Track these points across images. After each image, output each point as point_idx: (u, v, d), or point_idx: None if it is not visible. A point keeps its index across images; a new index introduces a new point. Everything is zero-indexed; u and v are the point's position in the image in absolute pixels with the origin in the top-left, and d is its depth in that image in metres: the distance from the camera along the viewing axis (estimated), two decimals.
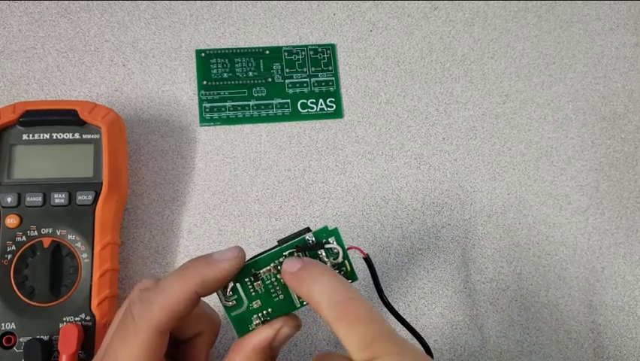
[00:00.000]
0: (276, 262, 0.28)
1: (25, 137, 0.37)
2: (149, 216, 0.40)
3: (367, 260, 0.30)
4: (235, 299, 0.28)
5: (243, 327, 0.28)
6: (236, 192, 0.42)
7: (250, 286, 0.28)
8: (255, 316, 0.28)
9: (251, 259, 0.29)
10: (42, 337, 0.34)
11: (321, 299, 0.25)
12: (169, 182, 0.41)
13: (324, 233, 0.29)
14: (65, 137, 0.37)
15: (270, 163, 0.42)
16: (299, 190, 0.42)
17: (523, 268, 0.42)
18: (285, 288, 0.28)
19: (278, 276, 0.28)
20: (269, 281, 0.28)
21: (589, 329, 0.42)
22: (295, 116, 0.43)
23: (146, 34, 0.44)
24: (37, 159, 0.37)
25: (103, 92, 0.42)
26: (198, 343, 0.30)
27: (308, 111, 0.43)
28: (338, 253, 0.28)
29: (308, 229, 0.29)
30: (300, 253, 0.28)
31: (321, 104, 0.44)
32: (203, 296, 0.27)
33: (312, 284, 0.26)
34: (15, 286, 0.35)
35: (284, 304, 0.28)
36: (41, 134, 0.37)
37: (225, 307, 0.28)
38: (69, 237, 0.36)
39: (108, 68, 0.43)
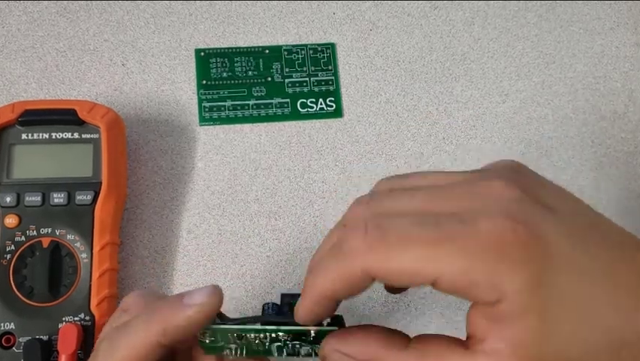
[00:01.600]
0: (269, 335, 0.25)
1: (24, 136, 0.36)
2: (149, 216, 0.40)
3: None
4: (212, 340, 0.26)
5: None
6: (235, 191, 0.41)
7: (232, 342, 0.25)
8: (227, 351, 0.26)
9: (236, 321, 0.25)
10: (41, 337, 0.34)
11: None
12: (168, 181, 0.41)
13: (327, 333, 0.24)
14: (64, 136, 0.37)
15: (270, 163, 0.42)
16: (299, 190, 0.42)
17: None
18: (268, 348, 0.26)
19: (264, 342, 0.25)
20: (252, 341, 0.25)
21: None
22: (295, 115, 0.43)
23: (145, 34, 0.44)
24: (36, 159, 0.36)
25: (102, 91, 0.42)
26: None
27: (308, 111, 0.43)
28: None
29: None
30: (296, 343, 0.25)
31: (321, 104, 0.44)
32: (172, 345, 0.24)
33: None
34: (14, 286, 0.35)
35: (261, 353, 0.26)
36: (40, 134, 0.37)
37: (200, 341, 0.26)
38: (68, 237, 0.35)
39: (107, 68, 0.43)
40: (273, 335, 0.25)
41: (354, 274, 0.21)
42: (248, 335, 0.25)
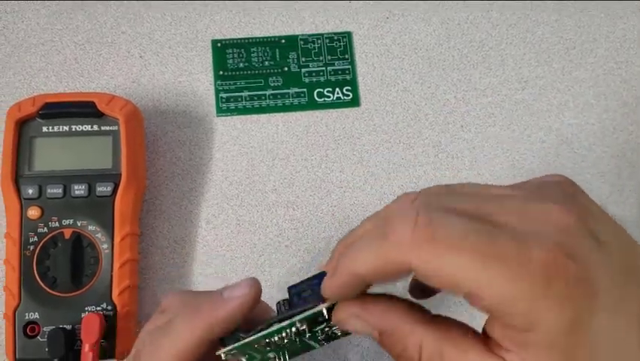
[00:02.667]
0: (290, 330, 0.24)
1: (44, 129, 0.37)
2: (168, 207, 0.41)
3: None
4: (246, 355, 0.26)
5: None
6: (253, 182, 0.42)
7: (262, 350, 0.25)
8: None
9: (257, 331, 0.25)
10: (65, 326, 0.35)
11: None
12: (187, 172, 0.41)
13: None
14: (84, 129, 0.37)
15: (287, 153, 0.42)
16: (316, 180, 0.42)
17: None
18: (303, 342, 0.25)
19: (293, 337, 0.25)
20: (283, 342, 0.25)
21: None
22: (312, 105, 0.43)
23: (162, 25, 0.44)
24: (56, 151, 0.37)
25: (120, 83, 0.42)
26: None
27: (324, 100, 0.43)
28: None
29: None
30: (311, 331, 0.25)
31: (338, 93, 0.43)
32: (218, 338, 0.25)
33: None
34: (38, 276, 0.35)
35: (300, 348, 0.26)
36: (60, 127, 0.37)
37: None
38: (89, 228, 0.36)
39: (125, 60, 0.43)
40: (294, 328, 0.24)
41: (394, 263, 0.20)
42: (273, 339, 0.25)
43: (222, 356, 0.25)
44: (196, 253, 0.40)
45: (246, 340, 0.25)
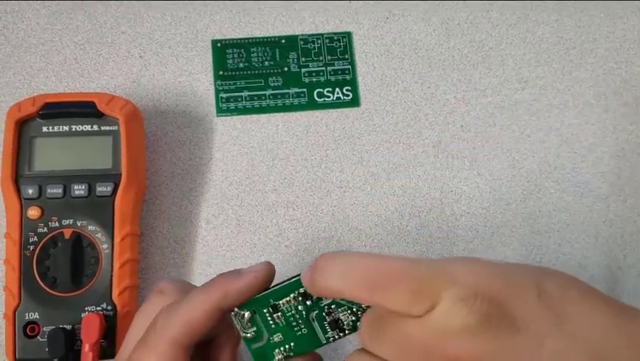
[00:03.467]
0: (296, 292, 0.26)
1: (44, 129, 0.37)
2: (168, 207, 0.41)
3: None
4: (254, 331, 0.27)
5: (263, 359, 0.27)
6: (253, 182, 0.42)
7: (270, 318, 0.26)
8: (277, 350, 0.27)
9: (269, 289, 0.27)
10: (65, 326, 0.35)
11: None
12: (187, 172, 0.41)
13: None
14: (84, 129, 0.37)
15: (287, 153, 0.42)
16: (316, 180, 0.42)
17: (544, 257, 0.42)
18: (308, 322, 0.26)
19: (299, 308, 0.26)
20: (289, 313, 0.26)
21: None
22: (312, 105, 0.43)
23: (162, 25, 0.44)
24: (56, 151, 0.37)
25: (120, 83, 0.42)
26: (224, 341, 0.29)
27: (324, 100, 0.43)
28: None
29: None
30: (315, 304, 0.26)
31: (338, 93, 0.43)
32: (228, 310, 0.26)
33: None
34: (38, 276, 0.35)
35: (307, 340, 0.26)
36: (60, 127, 0.37)
37: (245, 339, 0.27)
38: (89, 228, 0.36)
39: (125, 60, 0.43)
40: (301, 290, 0.26)
41: None
42: (280, 305, 0.26)
43: (233, 318, 0.27)
44: (196, 253, 0.40)
45: (255, 296, 0.26)
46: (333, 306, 0.26)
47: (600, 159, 0.44)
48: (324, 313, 0.26)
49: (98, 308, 0.35)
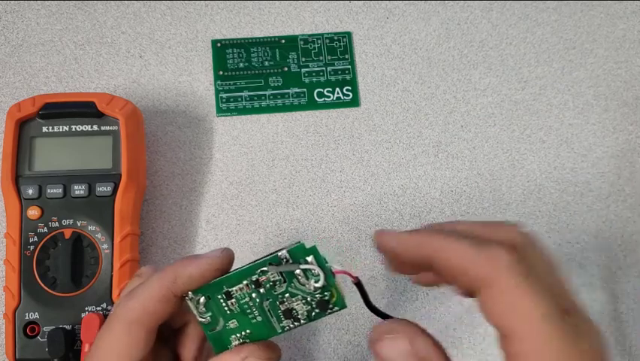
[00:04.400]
0: (250, 279, 0.25)
1: (44, 129, 0.37)
2: (168, 207, 0.41)
3: (358, 285, 0.26)
4: (209, 316, 0.26)
5: (220, 347, 0.27)
6: (253, 182, 0.42)
7: (224, 304, 0.26)
8: (233, 336, 0.26)
9: (226, 274, 0.26)
10: (65, 326, 0.35)
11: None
12: (187, 172, 0.41)
13: (300, 251, 0.25)
14: (84, 129, 0.37)
15: (287, 153, 0.42)
16: (316, 179, 0.42)
17: None
18: (262, 310, 0.26)
19: (253, 295, 0.26)
20: (243, 301, 0.26)
21: (610, 317, 0.41)
22: (312, 105, 0.43)
23: (162, 25, 0.44)
24: (56, 151, 0.37)
25: (120, 83, 0.42)
26: (191, 330, 0.29)
27: (324, 100, 0.43)
28: (319, 275, 0.25)
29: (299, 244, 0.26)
30: (274, 272, 0.25)
31: (338, 93, 0.43)
32: (181, 295, 0.26)
33: None
34: (38, 276, 0.35)
35: (263, 328, 0.26)
36: (60, 127, 0.37)
37: (201, 323, 0.27)
38: (89, 228, 0.36)
39: (125, 60, 0.43)
40: (253, 277, 0.25)
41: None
42: (233, 292, 0.26)
43: (189, 302, 0.26)
44: (196, 253, 0.40)
45: (210, 282, 0.26)
46: (287, 295, 0.26)
47: (600, 159, 0.44)
48: (277, 303, 0.26)
49: (98, 308, 0.35)
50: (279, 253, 0.25)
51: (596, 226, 0.43)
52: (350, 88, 0.44)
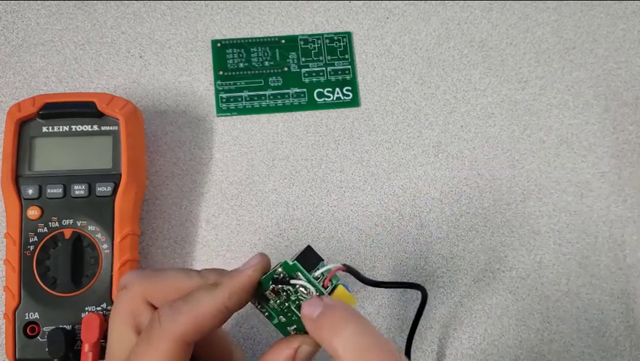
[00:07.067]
0: (272, 286, 0.27)
1: (44, 129, 0.37)
2: (168, 207, 0.41)
3: (348, 270, 0.28)
4: (266, 312, 0.28)
5: (285, 332, 0.28)
6: (253, 182, 0.42)
7: (267, 305, 0.28)
8: (288, 328, 0.28)
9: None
10: (65, 326, 0.35)
11: (345, 355, 0.23)
12: (187, 172, 0.41)
13: (288, 268, 0.27)
14: (84, 129, 0.37)
15: (287, 153, 0.42)
16: (316, 180, 0.42)
17: (544, 257, 0.42)
18: (292, 311, 0.27)
19: (278, 301, 0.27)
20: (276, 302, 0.27)
21: (610, 317, 0.41)
22: (312, 105, 0.43)
23: (162, 25, 0.44)
24: (56, 151, 0.37)
25: (120, 83, 0.42)
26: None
27: (324, 100, 0.43)
28: (309, 289, 0.26)
29: (309, 248, 0.28)
30: (276, 286, 0.27)
31: (338, 93, 0.43)
32: (234, 309, 0.27)
33: (333, 337, 0.24)
34: (38, 276, 0.35)
35: (302, 324, 0.27)
36: (60, 127, 0.37)
37: (266, 317, 0.28)
38: (89, 228, 0.36)
39: (125, 60, 0.43)
40: (270, 287, 0.27)
41: None
42: (266, 294, 0.27)
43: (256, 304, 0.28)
44: (196, 253, 0.40)
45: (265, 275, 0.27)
46: (300, 301, 0.27)
47: (600, 159, 0.44)
48: (294, 308, 0.27)
49: (98, 308, 0.35)
50: (278, 269, 0.27)
51: (596, 226, 0.43)
52: (350, 88, 0.44)
